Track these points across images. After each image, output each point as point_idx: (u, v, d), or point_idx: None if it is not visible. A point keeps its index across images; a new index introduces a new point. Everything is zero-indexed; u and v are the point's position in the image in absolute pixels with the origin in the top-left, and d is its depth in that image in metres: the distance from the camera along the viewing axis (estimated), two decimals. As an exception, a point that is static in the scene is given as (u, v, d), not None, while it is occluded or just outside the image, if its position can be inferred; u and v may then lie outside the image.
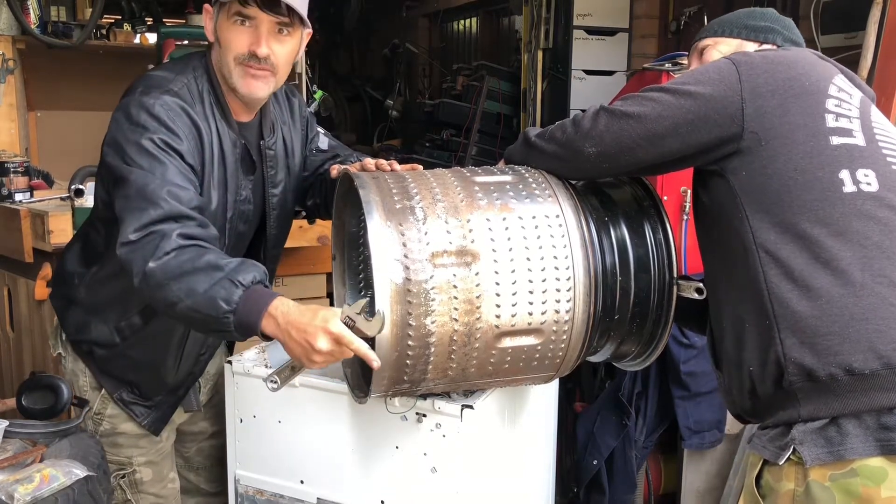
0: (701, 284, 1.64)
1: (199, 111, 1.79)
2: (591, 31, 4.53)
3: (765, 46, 1.73)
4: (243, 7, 1.73)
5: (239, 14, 1.74)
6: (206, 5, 1.84)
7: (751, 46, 1.73)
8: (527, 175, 1.64)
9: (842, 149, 1.46)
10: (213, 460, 2.18)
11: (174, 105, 1.74)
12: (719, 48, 1.75)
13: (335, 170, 1.83)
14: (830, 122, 1.48)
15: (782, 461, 1.41)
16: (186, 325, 1.77)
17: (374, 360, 1.45)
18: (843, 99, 1.53)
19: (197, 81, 1.82)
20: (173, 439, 2.12)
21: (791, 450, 1.40)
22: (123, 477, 2.03)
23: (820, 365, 1.38)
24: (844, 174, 1.44)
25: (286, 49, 1.80)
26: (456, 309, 1.48)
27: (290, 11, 1.74)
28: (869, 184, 1.44)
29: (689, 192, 1.73)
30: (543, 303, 1.53)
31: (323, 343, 1.43)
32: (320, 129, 2.16)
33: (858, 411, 1.37)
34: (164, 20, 4.86)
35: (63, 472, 1.69)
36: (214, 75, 1.83)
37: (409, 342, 1.47)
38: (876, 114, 1.57)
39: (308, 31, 1.85)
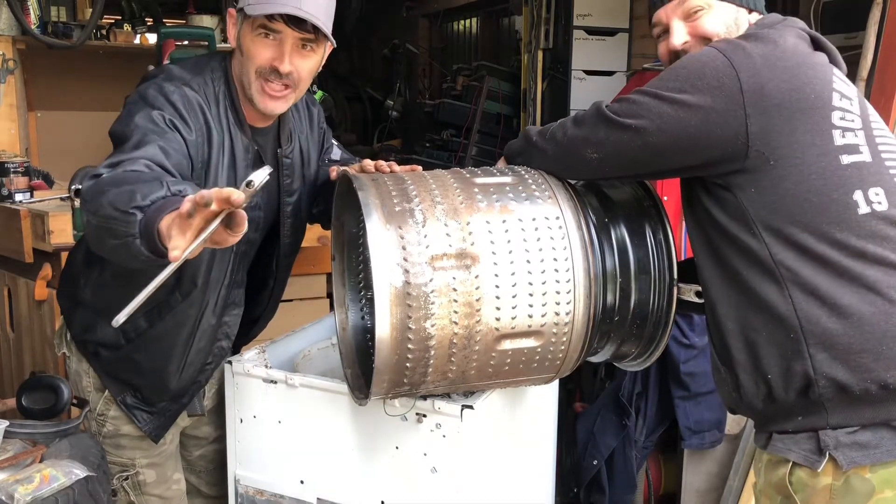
0: (700, 287, 1.64)
1: (214, 113, 1.79)
2: (591, 31, 4.53)
3: (753, 15, 1.65)
4: (269, 21, 1.73)
5: (264, 27, 1.74)
6: (231, 10, 1.83)
7: (743, 15, 1.64)
8: (526, 176, 1.64)
9: (852, 168, 1.45)
10: (216, 464, 2.18)
11: (193, 99, 1.75)
12: (714, 14, 1.61)
13: (334, 171, 1.83)
14: (838, 139, 1.46)
15: (821, 468, 1.42)
16: (98, 238, 1.51)
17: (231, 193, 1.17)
18: (846, 108, 1.49)
19: (214, 84, 1.82)
20: (178, 441, 2.11)
21: (827, 456, 1.42)
22: (127, 479, 2.02)
23: (854, 381, 1.40)
24: (858, 195, 1.43)
25: (309, 64, 1.80)
26: (456, 312, 1.48)
27: (316, 28, 1.74)
28: (880, 203, 1.44)
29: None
30: (543, 305, 1.53)
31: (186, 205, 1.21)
32: (334, 141, 2.18)
33: (889, 420, 1.40)
34: (164, 20, 4.87)
35: (63, 472, 1.69)
36: (233, 80, 1.83)
37: (409, 345, 1.47)
38: (873, 114, 1.56)
39: (331, 45, 1.85)
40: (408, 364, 1.49)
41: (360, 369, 1.78)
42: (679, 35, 1.65)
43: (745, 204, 1.47)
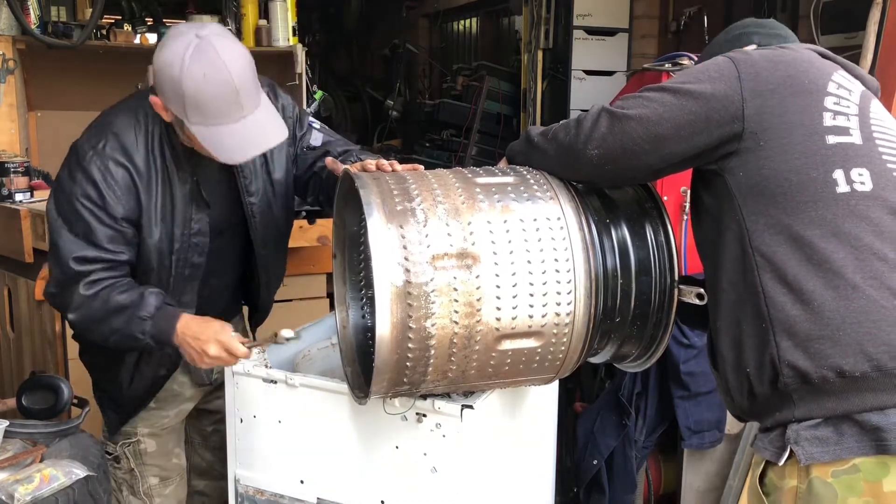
0: (702, 290, 1.63)
1: (142, 156, 1.83)
2: (591, 31, 4.53)
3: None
4: None
5: None
6: (154, 98, 1.77)
7: None
8: (528, 176, 1.64)
9: (837, 148, 1.46)
10: None
11: (110, 160, 1.82)
12: None
13: (329, 162, 1.85)
14: (828, 120, 1.48)
15: (783, 461, 1.42)
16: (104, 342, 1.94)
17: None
18: (842, 96, 1.52)
19: (147, 121, 1.85)
20: (182, 418, 2.17)
21: (789, 450, 1.41)
22: (129, 446, 2.11)
23: (813, 368, 1.39)
24: (838, 174, 1.44)
25: None
26: (456, 311, 1.48)
27: None
28: (863, 183, 1.44)
29: (689, 191, 1.72)
30: (544, 305, 1.53)
31: (213, 349, 1.77)
32: (315, 125, 2.16)
33: (850, 412, 1.38)
34: (164, 20, 4.86)
35: (63, 472, 1.70)
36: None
37: (409, 344, 1.47)
38: (876, 108, 1.56)
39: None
40: (408, 363, 1.49)
41: (361, 368, 1.78)
42: None
43: (733, 189, 1.50)
